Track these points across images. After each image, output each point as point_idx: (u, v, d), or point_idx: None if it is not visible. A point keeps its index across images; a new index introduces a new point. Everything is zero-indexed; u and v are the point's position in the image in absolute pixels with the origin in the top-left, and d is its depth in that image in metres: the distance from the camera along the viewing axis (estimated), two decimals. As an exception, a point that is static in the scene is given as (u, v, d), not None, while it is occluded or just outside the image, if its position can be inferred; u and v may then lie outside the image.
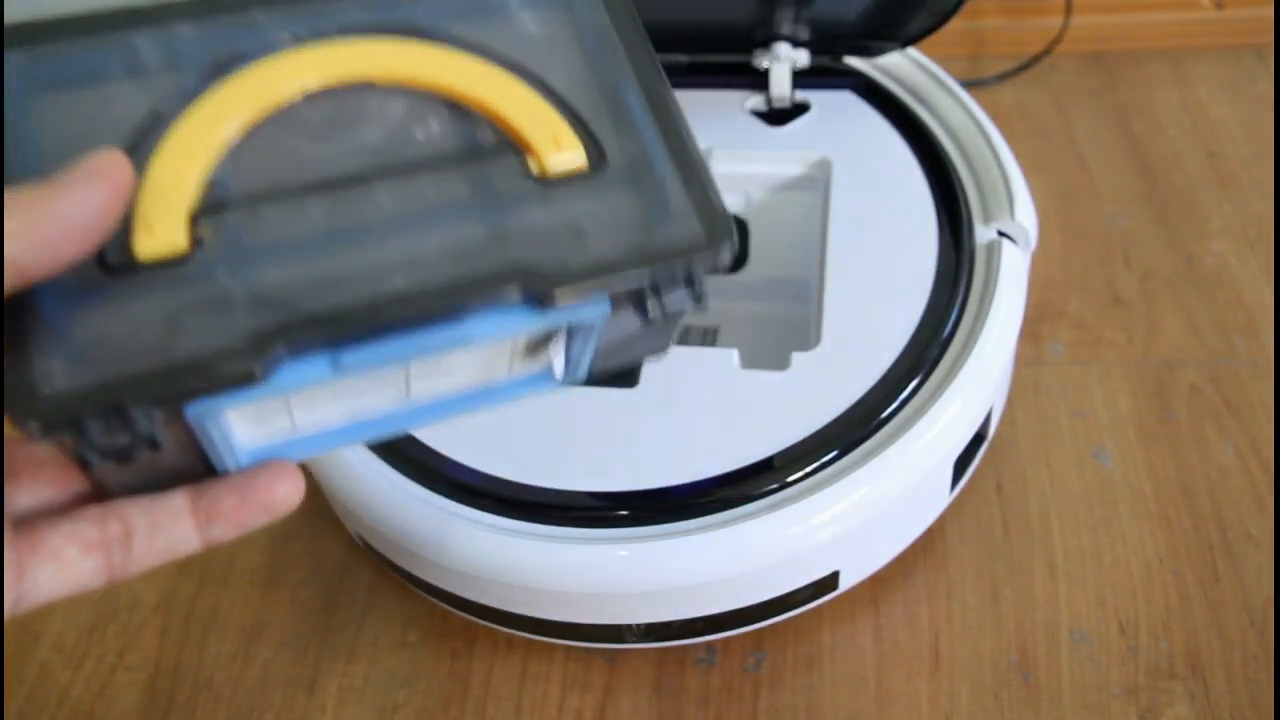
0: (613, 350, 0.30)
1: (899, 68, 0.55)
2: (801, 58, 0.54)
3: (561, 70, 0.28)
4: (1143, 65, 0.69)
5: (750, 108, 0.54)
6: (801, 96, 0.54)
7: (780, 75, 0.53)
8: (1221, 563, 0.46)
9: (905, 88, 0.54)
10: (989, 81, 0.69)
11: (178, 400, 0.24)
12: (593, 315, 0.27)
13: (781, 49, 0.53)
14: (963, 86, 0.54)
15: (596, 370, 0.31)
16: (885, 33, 0.53)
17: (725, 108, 0.54)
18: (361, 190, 0.26)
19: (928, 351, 0.43)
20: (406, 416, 0.30)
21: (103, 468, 0.26)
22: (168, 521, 0.26)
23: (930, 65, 0.55)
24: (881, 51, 0.54)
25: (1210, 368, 0.53)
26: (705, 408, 0.43)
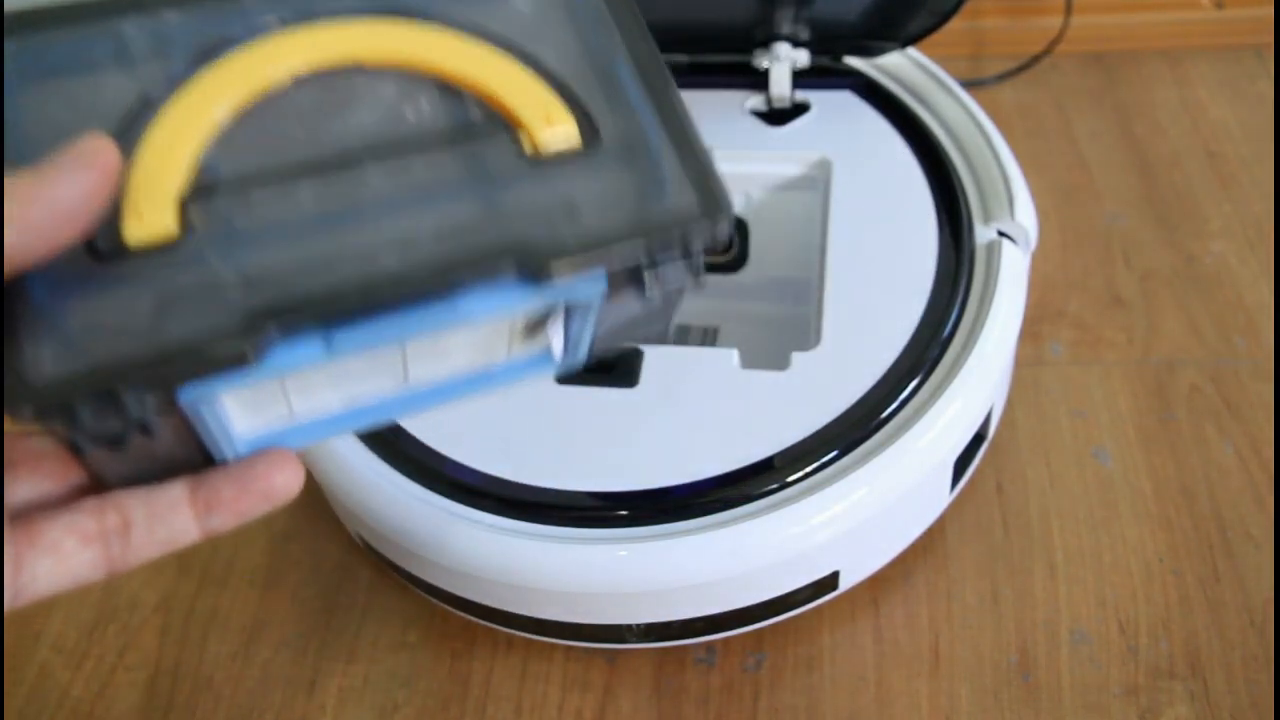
0: (612, 331, 0.30)
1: (899, 68, 0.55)
2: (801, 58, 0.54)
3: (553, 48, 0.28)
4: (1143, 65, 0.69)
5: (750, 108, 0.54)
6: (801, 96, 0.54)
7: (780, 75, 0.53)
8: (1221, 563, 0.46)
9: (905, 88, 0.54)
10: (989, 81, 0.69)
11: (169, 383, 0.23)
12: (589, 292, 0.26)
13: (781, 49, 0.53)
14: (963, 86, 0.54)
15: (596, 352, 0.31)
16: (885, 33, 0.53)
17: (725, 108, 0.54)
18: (353, 171, 0.26)
19: (928, 351, 0.43)
20: (405, 402, 0.29)
21: (100, 458, 0.26)
22: (166, 512, 0.26)
23: (930, 65, 0.55)
24: (881, 51, 0.54)
25: (1210, 368, 0.53)
26: (705, 408, 0.43)
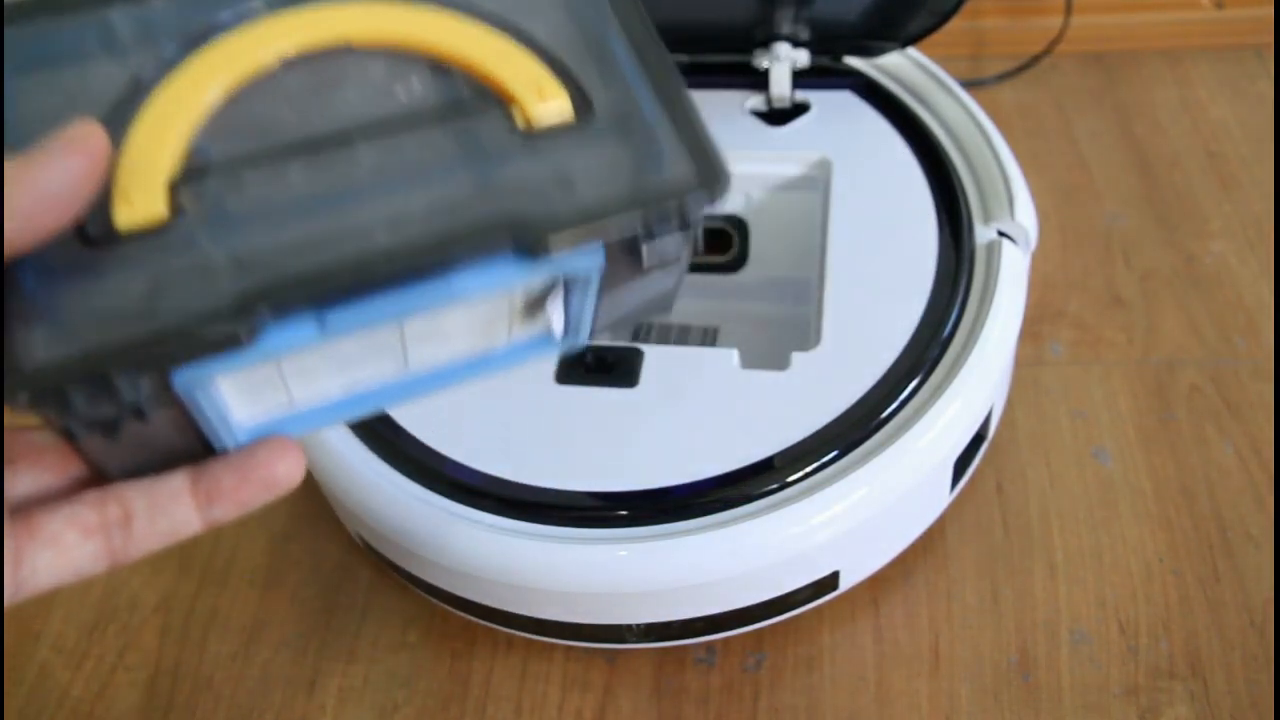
0: (613, 309, 0.30)
1: (899, 68, 0.55)
2: (801, 58, 0.54)
3: (544, 22, 0.28)
4: (1143, 65, 0.69)
5: (750, 108, 0.54)
6: (801, 96, 0.54)
7: (780, 75, 0.53)
8: (1221, 563, 0.46)
9: (905, 88, 0.54)
10: (989, 81, 0.69)
11: (161, 365, 0.23)
12: (587, 264, 0.26)
13: (781, 49, 0.53)
14: (963, 86, 0.54)
15: (599, 332, 0.30)
16: (885, 33, 0.53)
17: (725, 108, 0.54)
18: (343, 151, 0.26)
19: (928, 351, 0.43)
20: (406, 387, 0.29)
21: (97, 447, 0.25)
22: (167, 503, 0.26)
23: (930, 65, 0.55)
24: (881, 51, 0.54)
25: (1210, 368, 0.53)
26: (705, 408, 0.43)
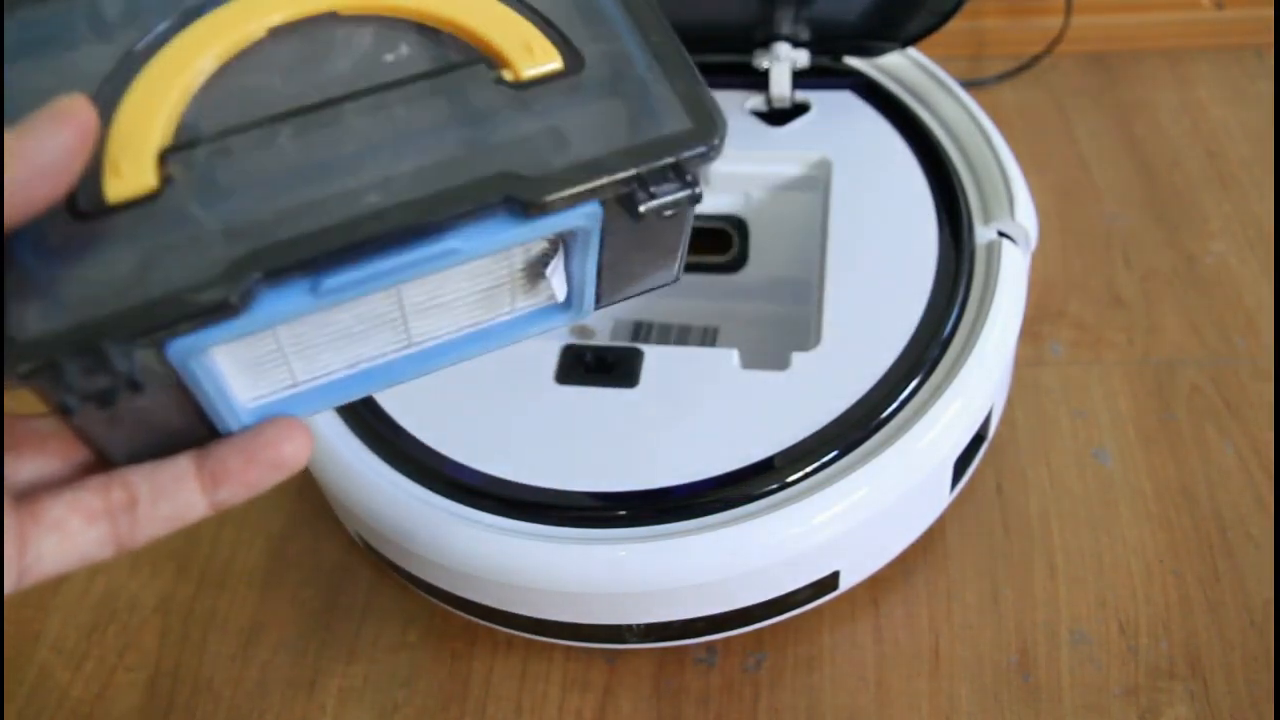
0: (617, 275, 0.30)
1: (899, 68, 0.55)
2: (801, 58, 0.54)
3: None
4: (1143, 65, 0.69)
5: (750, 108, 0.54)
6: (801, 96, 0.54)
7: (780, 75, 0.53)
8: (1221, 563, 0.46)
9: (905, 88, 0.54)
10: (989, 81, 0.69)
11: (153, 333, 0.23)
12: (584, 220, 0.26)
13: (781, 49, 0.53)
14: (963, 86, 0.54)
15: (603, 302, 0.30)
16: (885, 33, 0.53)
17: (725, 108, 0.53)
18: (333, 117, 0.26)
19: (928, 351, 0.43)
20: (410, 362, 0.29)
21: (100, 430, 0.25)
22: (172, 486, 0.26)
23: (930, 65, 0.55)
24: (881, 51, 0.54)
25: (1210, 368, 0.53)
26: (705, 408, 0.43)
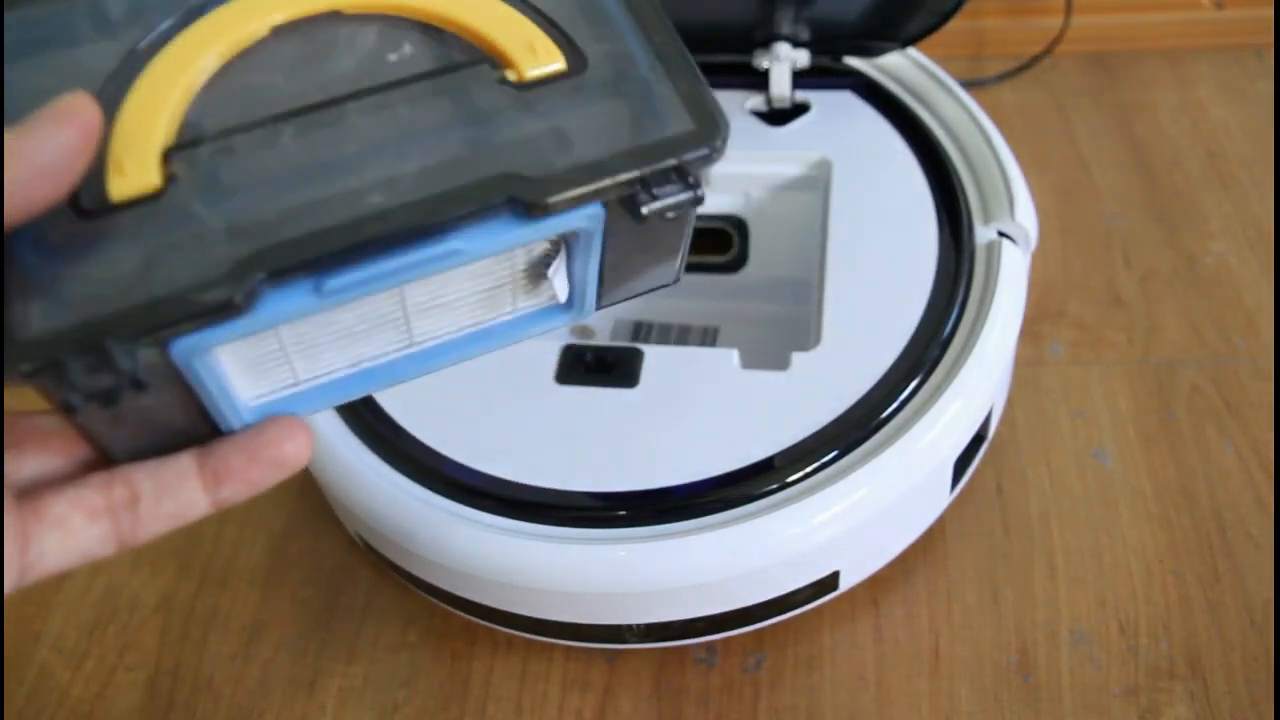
0: (618, 275, 0.30)
1: (899, 68, 0.55)
2: (801, 58, 0.54)
3: None
4: (1143, 65, 0.69)
5: (750, 108, 0.54)
6: (801, 96, 0.54)
7: (780, 75, 0.53)
8: (1221, 563, 0.46)
9: (905, 88, 0.54)
10: (989, 81, 0.69)
11: (157, 332, 0.23)
12: (586, 222, 0.26)
13: (781, 49, 0.53)
14: (963, 86, 0.54)
15: (605, 302, 0.30)
16: (885, 33, 0.53)
17: (725, 108, 0.54)
18: (336, 116, 0.26)
19: (928, 351, 0.43)
20: (412, 361, 0.29)
21: (103, 429, 0.25)
22: (174, 484, 0.26)
23: (930, 65, 0.55)
24: (881, 51, 0.54)
25: (1210, 368, 0.53)
26: (705, 408, 0.43)
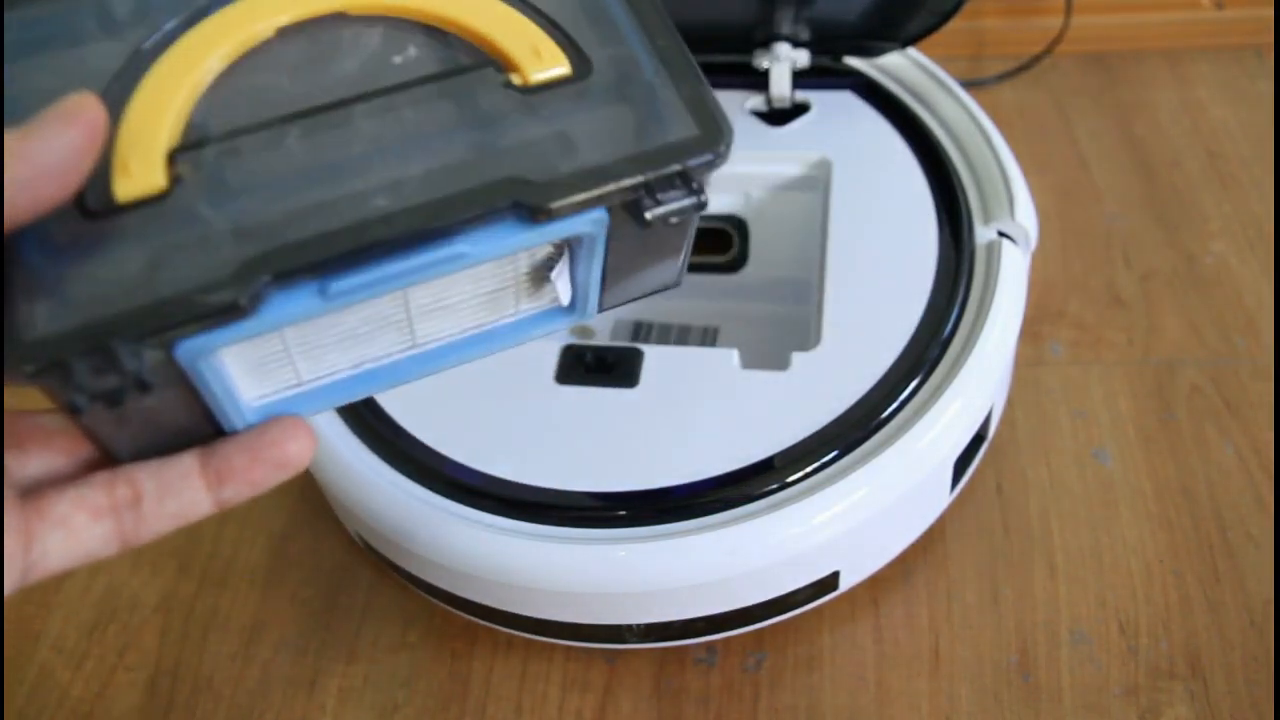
0: (620, 278, 0.30)
1: (899, 68, 0.55)
2: (801, 58, 0.54)
3: None
4: (1143, 65, 0.69)
5: (750, 108, 0.54)
6: (801, 96, 0.54)
7: (780, 75, 0.53)
8: (1221, 563, 0.46)
9: (905, 88, 0.54)
10: (989, 81, 0.69)
11: (162, 333, 0.23)
12: (590, 226, 0.26)
13: (781, 49, 0.53)
14: (963, 86, 0.54)
15: (607, 304, 0.30)
16: (885, 33, 0.53)
17: (725, 108, 0.54)
18: (342, 119, 0.26)
19: (928, 351, 0.43)
20: (414, 362, 0.29)
21: (106, 428, 0.25)
22: (177, 483, 0.26)
23: (930, 65, 0.55)
24: (881, 51, 0.54)
25: (1210, 368, 0.53)
26: (705, 408, 0.43)
